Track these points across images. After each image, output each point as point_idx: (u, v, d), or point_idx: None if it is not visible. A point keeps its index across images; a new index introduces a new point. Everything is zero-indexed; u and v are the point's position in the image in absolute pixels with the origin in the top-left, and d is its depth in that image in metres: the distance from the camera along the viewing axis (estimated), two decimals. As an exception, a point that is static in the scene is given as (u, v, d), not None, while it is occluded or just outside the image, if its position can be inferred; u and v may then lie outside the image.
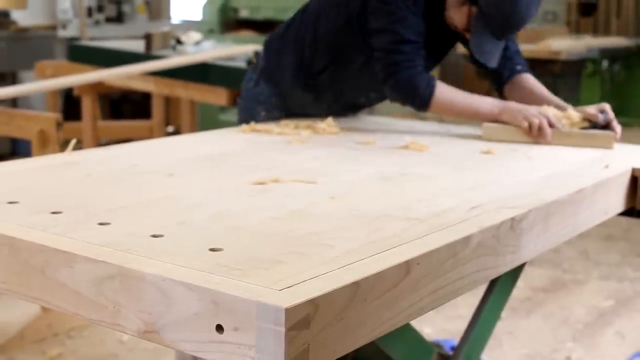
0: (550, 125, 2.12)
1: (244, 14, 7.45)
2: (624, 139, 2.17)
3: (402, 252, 1.12)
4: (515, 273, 1.97)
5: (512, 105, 2.19)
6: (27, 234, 1.17)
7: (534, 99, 2.28)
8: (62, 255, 1.10)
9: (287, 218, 1.30)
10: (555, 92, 2.47)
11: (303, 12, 2.46)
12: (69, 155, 1.79)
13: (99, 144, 5.02)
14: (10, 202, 1.35)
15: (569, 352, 3.13)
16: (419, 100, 2.19)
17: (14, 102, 6.26)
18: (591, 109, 2.18)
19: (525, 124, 2.12)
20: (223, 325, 0.95)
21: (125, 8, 7.25)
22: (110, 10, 7.13)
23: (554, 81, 6.35)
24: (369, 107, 2.63)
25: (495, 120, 2.19)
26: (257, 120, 2.39)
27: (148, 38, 4.86)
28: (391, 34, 2.18)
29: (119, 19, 7.21)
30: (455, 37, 2.36)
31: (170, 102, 6.23)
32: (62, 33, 6.85)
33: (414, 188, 1.55)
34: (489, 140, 2.15)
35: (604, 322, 3.44)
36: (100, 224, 1.23)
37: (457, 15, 2.24)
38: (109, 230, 1.20)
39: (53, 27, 6.90)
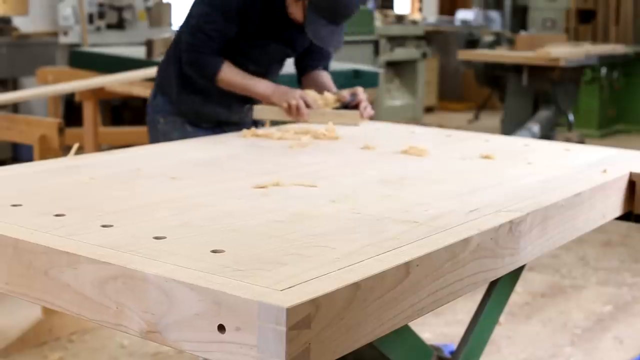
0: (307, 105, 2.42)
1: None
2: (622, 144, 2.20)
3: (402, 253, 1.14)
4: (513, 277, 1.98)
5: (282, 88, 2.48)
6: (31, 236, 1.18)
7: (318, 88, 2.60)
8: (66, 257, 1.11)
9: (288, 220, 1.31)
10: (554, 98, 2.51)
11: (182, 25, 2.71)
12: (72, 160, 1.81)
13: (100, 149, 5.03)
14: (14, 205, 1.37)
15: (568, 357, 3.14)
16: (206, 76, 2.51)
17: (15, 108, 6.27)
18: (344, 92, 2.52)
19: (286, 105, 2.42)
20: (225, 325, 0.96)
21: (126, 15, 7.26)
22: (111, 17, 7.14)
23: (552, 88, 6.33)
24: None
25: (269, 100, 2.50)
26: (158, 127, 2.73)
27: (149, 44, 4.88)
28: (199, 25, 2.50)
29: (120, 25, 7.22)
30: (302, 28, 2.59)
31: (170, 108, 6.22)
32: (63, 39, 6.87)
33: (413, 192, 1.57)
34: (261, 119, 2.49)
35: (603, 327, 3.45)
36: (103, 226, 1.24)
37: (296, 10, 2.50)
38: (112, 232, 1.22)
39: (54, 34, 6.92)
